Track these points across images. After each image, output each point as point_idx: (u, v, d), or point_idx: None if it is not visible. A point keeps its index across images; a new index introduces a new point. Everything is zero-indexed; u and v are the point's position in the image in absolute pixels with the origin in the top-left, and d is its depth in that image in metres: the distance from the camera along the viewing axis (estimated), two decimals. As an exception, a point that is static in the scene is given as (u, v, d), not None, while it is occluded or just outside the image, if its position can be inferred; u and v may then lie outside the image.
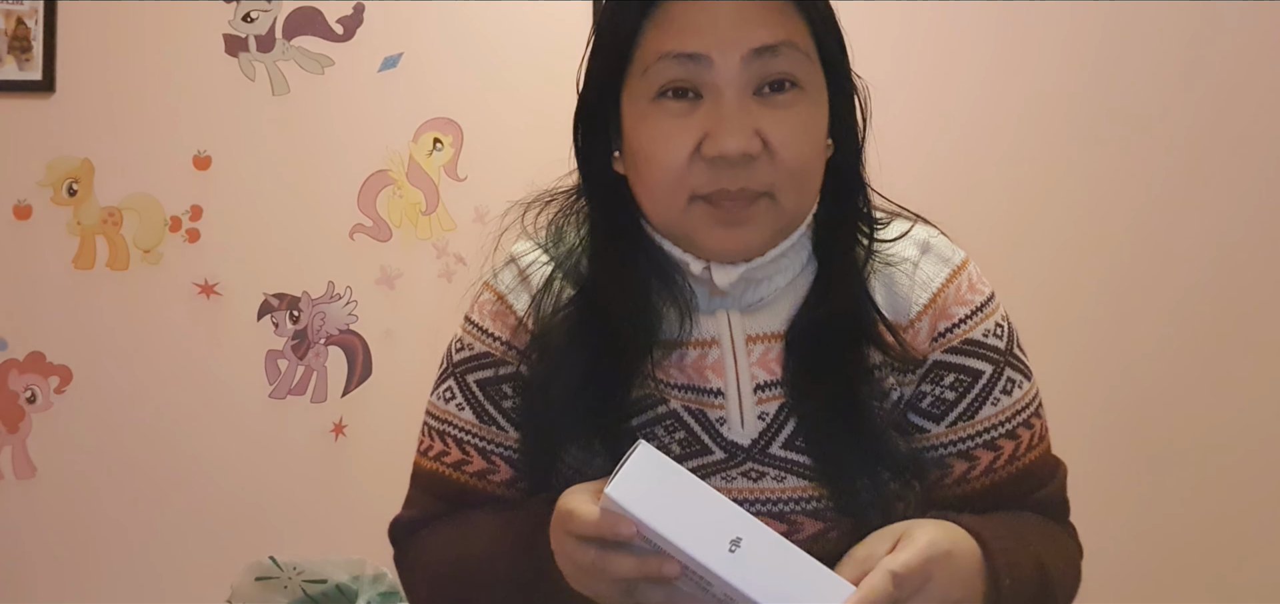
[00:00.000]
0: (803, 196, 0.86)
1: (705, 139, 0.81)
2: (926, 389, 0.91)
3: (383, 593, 2.00)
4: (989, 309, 0.92)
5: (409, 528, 0.97)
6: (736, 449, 0.88)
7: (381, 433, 2.19)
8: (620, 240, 0.90)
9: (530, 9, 2.20)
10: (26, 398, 2.22)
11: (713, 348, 0.89)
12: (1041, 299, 2.13)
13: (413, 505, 0.98)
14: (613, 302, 0.89)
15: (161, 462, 2.21)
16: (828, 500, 0.88)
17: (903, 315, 0.91)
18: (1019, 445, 0.92)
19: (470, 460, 0.94)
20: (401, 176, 2.22)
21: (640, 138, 0.84)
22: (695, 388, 0.89)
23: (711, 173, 0.82)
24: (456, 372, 0.96)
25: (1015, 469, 0.92)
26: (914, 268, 0.92)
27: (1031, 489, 0.92)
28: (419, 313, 2.20)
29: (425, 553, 0.95)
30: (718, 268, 0.86)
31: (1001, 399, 0.91)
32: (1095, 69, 2.17)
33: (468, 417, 0.94)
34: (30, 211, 2.22)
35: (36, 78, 2.20)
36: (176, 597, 2.20)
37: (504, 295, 0.95)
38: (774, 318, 0.89)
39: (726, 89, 0.81)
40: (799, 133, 0.83)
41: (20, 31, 2.21)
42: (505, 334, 0.94)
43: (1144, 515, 2.14)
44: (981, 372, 0.91)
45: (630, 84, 0.86)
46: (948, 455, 0.92)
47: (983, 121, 2.18)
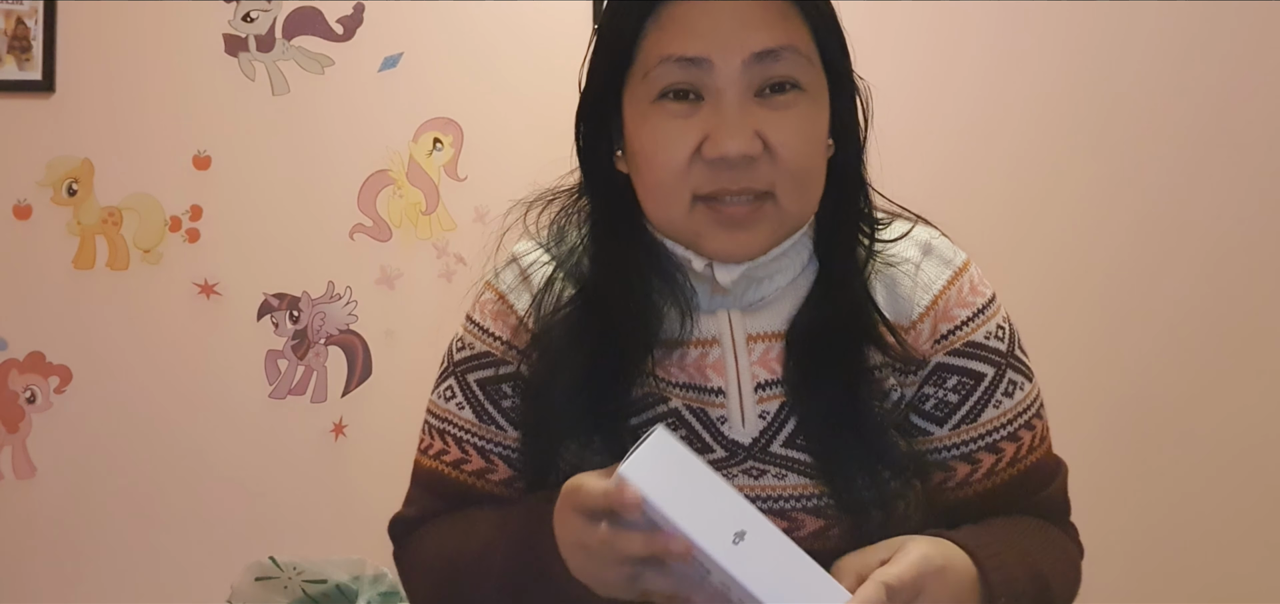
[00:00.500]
0: (804, 197, 0.86)
1: (706, 140, 0.82)
2: (929, 392, 0.92)
3: (383, 593, 2.00)
4: (991, 311, 0.93)
5: (408, 526, 0.97)
6: (737, 448, 0.89)
7: (381, 433, 2.19)
8: (621, 239, 0.90)
9: (530, 9, 2.20)
10: (26, 398, 2.22)
11: (713, 347, 0.89)
12: (1041, 299, 2.13)
13: (412, 504, 0.99)
14: (613, 300, 0.89)
15: (161, 462, 2.21)
16: (828, 498, 0.88)
17: (904, 317, 0.91)
18: (1020, 447, 0.92)
19: (469, 459, 0.95)
20: (401, 176, 2.22)
21: (641, 139, 0.85)
22: (696, 387, 0.89)
23: (712, 174, 0.82)
24: (457, 371, 0.96)
25: (1016, 471, 0.92)
26: (916, 270, 0.92)
27: (1032, 491, 0.93)
28: (419, 313, 2.20)
29: (423, 551, 0.95)
30: (720, 266, 0.87)
31: (1003, 401, 0.91)
32: (1095, 69, 2.17)
33: (467, 416, 0.95)
34: (30, 211, 2.22)
35: (36, 78, 2.20)
36: (176, 597, 2.20)
37: (505, 295, 0.96)
38: (775, 317, 0.90)
39: (727, 91, 0.82)
40: (799, 134, 0.83)
41: (20, 31, 2.20)
42: (506, 334, 0.94)
43: (1144, 515, 2.14)
44: (984, 374, 0.91)
45: (631, 85, 0.86)
46: (951, 458, 0.92)
47: (983, 121, 2.18)
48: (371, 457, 2.20)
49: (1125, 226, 2.16)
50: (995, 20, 2.18)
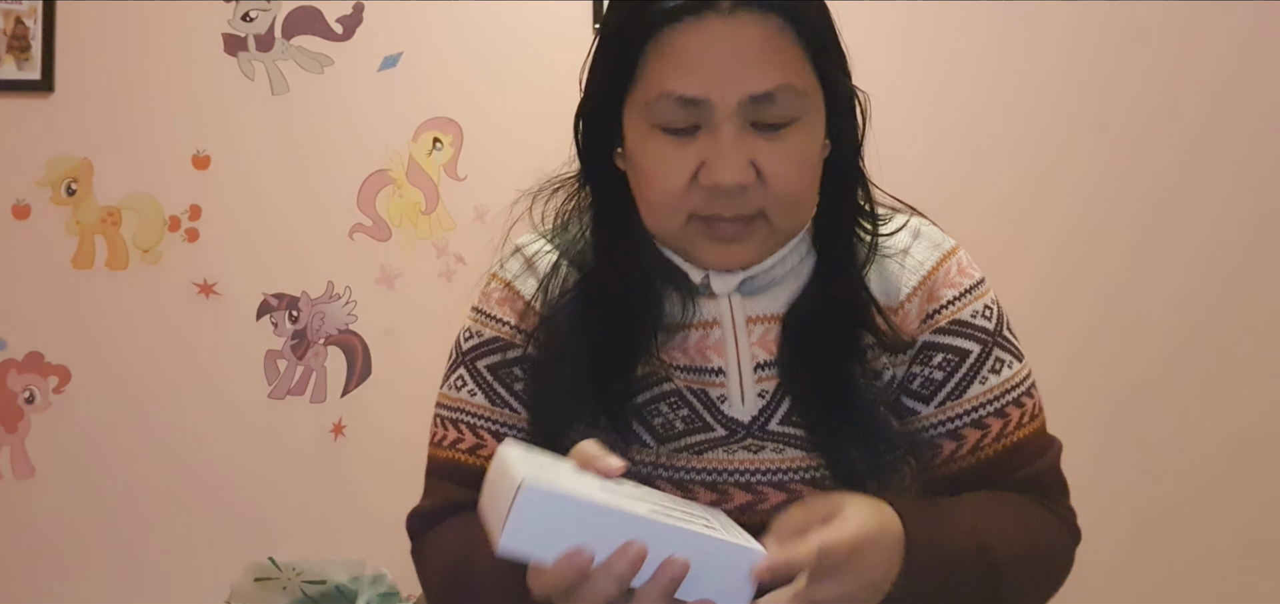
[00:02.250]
0: (795, 216, 0.89)
1: (702, 168, 0.85)
2: (916, 371, 0.94)
3: (383, 593, 2.00)
4: (978, 292, 0.95)
5: (425, 520, 0.98)
6: (737, 426, 0.92)
7: (381, 433, 2.19)
8: (621, 230, 0.93)
9: (530, 9, 2.20)
10: (25, 398, 2.22)
11: (715, 329, 0.93)
12: (1039, 299, 2.13)
13: (429, 495, 0.99)
14: (616, 286, 0.92)
15: (161, 462, 2.21)
16: (825, 470, 0.90)
17: (893, 298, 0.94)
18: (1007, 423, 0.93)
19: (484, 444, 0.96)
20: (401, 176, 2.22)
21: (641, 157, 0.88)
22: (697, 368, 0.93)
23: (708, 198, 0.86)
24: (466, 360, 0.98)
25: (1002, 447, 0.92)
26: (905, 254, 0.96)
27: (1019, 467, 0.93)
28: (419, 313, 2.20)
29: (437, 555, 0.95)
30: (716, 276, 0.91)
31: (990, 378, 0.93)
32: (1092, 68, 2.17)
33: (479, 400, 0.97)
34: (29, 211, 2.22)
35: (36, 77, 2.20)
36: (176, 597, 2.20)
37: (510, 282, 0.98)
38: (774, 301, 0.93)
39: (723, 126, 0.84)
40: (791, 164, 0.86)
41: (19, 31, 2.20)
42: (513, 318, 0.97)
43: (1143, 514, 2.14)
44: (969, 351, 0.93)
45: (632, 100, 0.88)
46: (937, 436, 0.93)
47: (979, 121, 2.18)
48: (371, 457, 2.20)
49: (1121, 226, 2.16)
50: (992, 19, 2.17)
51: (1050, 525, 0.93)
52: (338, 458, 2.21)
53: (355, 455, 2.21)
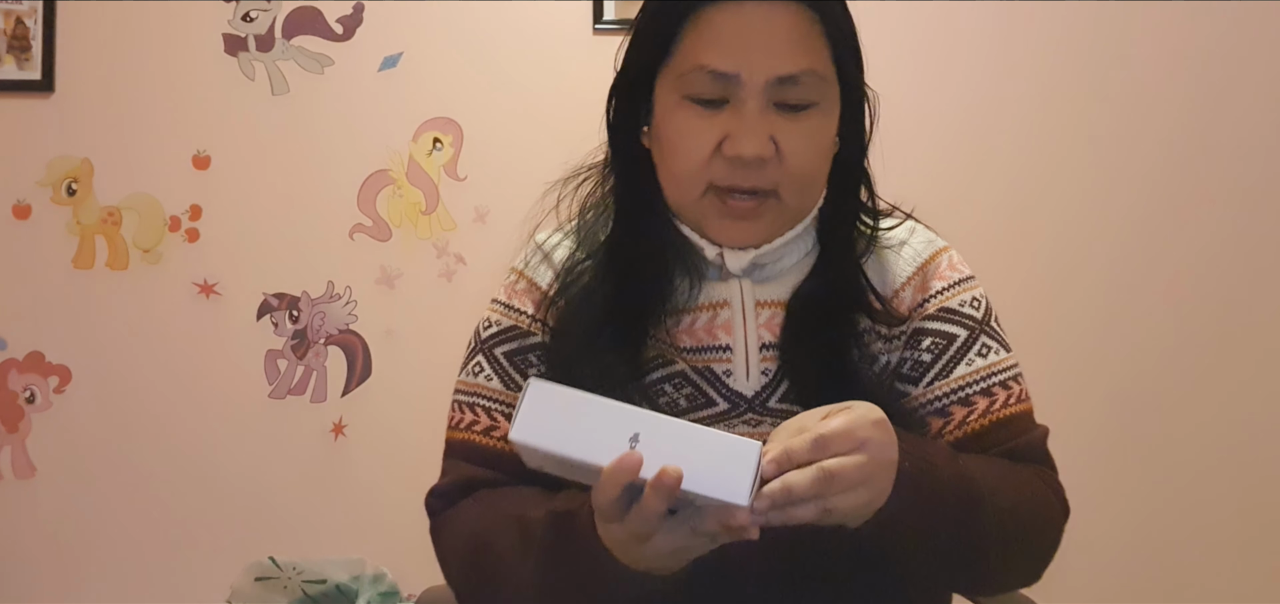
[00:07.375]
0: (805, 196, 0.96)
1: (726, 139, 0.91)
2: (907, 355, 0.99)
3: (383, 593, 2.01)
4: (967, 285, 1.01)
5: (443, 498, 1.00)
6: (740, 399, 0.96)
7: (381, 433, 2.19)
8: (641, 211, 0.98)
9: (530, 9, 2.20)
10: (26, 398, 2.22)
11: (724, 309, 0.98)
12: (1037, 296, 2.13)
13: (447, 475, 1.02)
14: (630, 266, 0.98)
15: (161, 462, 2.21)
16: None
17: (889, 287, 1.00)
18: (993, 402, 0.96)
19: (498, 426, 0.99)
20: (401, 176, 2.22)
21: (669, 127, 0.94)
22: (704, 347, 0.98)
23: (728, 168, 0.92)
24: (484, 347, 1.03)
25: (989, 422, 0.95)
26: (902, 246, 1.02)
27: (1006, 439, 0.95)
28: (419, 313, 2.20)
29: (456, 531, 0.97)
30: (730, 253, 0.96)
31: (976, 360, 0.97)
32: (1092, 68, 2.17)
33: (495, 385, 1.01)
34: (30, 211, 2.22)
35: (36, 77, 2.20)
36: (176, 597, 2.20)
37: (528, 273, 1.04)
38: (781, 288, 0.99)
39: (749, 101, 0.91)
40: (808, 143, 0.92)
41: (20, 31, 2.21)
42: (531, 308, 1.02)
43: (1139, 510, 2.14)
44: (956, 335, 0.98)
45: (665, 74, 0.94)
46: (925, 414, 0.97)
47: (979, 121, 2.18)
48: (371, 457, 2.20)
49: (1122, 226, 2.17)
50: (992, 20, 2.18)
51: (1037, 487, 0.94)
52: (338, 458, 2.22)
53: (355, 455, 2.21)
